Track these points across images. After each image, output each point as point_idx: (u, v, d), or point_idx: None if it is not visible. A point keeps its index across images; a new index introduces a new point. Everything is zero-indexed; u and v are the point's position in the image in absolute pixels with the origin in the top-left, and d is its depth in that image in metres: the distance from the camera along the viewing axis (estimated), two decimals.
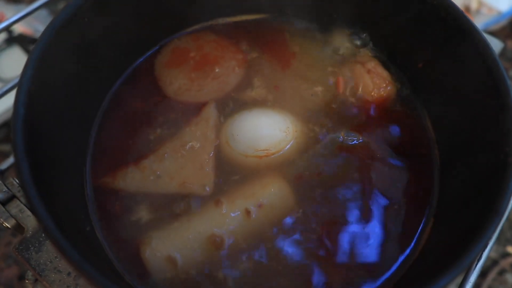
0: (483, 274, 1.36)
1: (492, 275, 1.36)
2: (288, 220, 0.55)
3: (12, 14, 0.72)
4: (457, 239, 0.46)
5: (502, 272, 1.38)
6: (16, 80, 0.68)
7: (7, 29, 0.76)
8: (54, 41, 0.50)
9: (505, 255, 1.41)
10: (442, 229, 0.54)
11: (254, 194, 0.56)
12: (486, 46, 0.52)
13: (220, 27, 0.72)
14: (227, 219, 0.54)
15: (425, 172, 0.60)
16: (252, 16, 0.73)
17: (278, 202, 0.56)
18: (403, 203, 0.57)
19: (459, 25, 0.55)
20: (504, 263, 1.39)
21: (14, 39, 1.54)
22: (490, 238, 0.42)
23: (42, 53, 0.48)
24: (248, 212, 0.54)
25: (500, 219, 0.41)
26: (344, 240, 0.54)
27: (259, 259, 0.53)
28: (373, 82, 0.64)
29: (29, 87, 0.46)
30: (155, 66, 0.68)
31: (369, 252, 0.54)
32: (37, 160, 0.44)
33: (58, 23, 0.51)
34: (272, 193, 0.56)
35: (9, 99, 0.45)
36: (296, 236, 0.54)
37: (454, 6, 0.56)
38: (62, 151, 0.53)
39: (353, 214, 0.56)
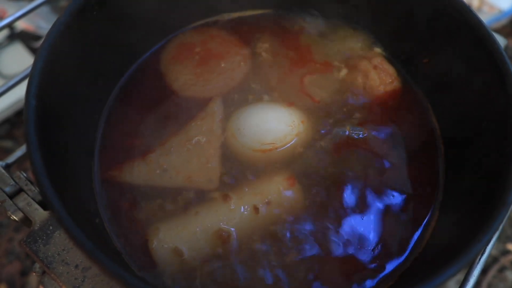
0: (483, 271, 1.37)
1: (492, 272, 1.37)
2: (296, 216, 0.55)
3: (13, 10, 0.72)
4: (463, 231, 0.47)
5: (502, 269, 1.38)
6: (17, 78, 0.68)
7: (10, 26, 0.76)
8: (63, 34, 0.50)
9: (505, 252, 1.41)
10: (448, 222, 0.54)
11: (262, 191, 0.56)
12: (492, 41, 0.52)
13: (225, 22, 0.72)
14: (235, 214, 0.54)
15: (431, 166, 0.60)
16: (257, 11, 0.73)
17: (285, 199, 0.56)
18: (409, 196, 0.58)
19: (466, 20, 0.55)
20: (504, 260, 1.39)
21: (16, 36, 1.54)
22: (497, 229, 0.42)
23: (52, 46, 0.49)
24: (256, 209, 0.54)
25: (507, 211, 0.42)
26: (352, 233, 0.54)
27: (265, 254, 0.53)
28: (380, 77, 0.65)
29: (40, 80, 0.46)
30: (161, 61, 0.68)
31: (376, 244, 0.54)
32: (48, 153, 0.44)
33: (67, 17, 0.51)
34: (280, 190, 0.56)
35: (10, 97, 0.45)
36: (304, 231, 0.54)
37: (460, 2, 0.56)
38: (71, 145, 0.54)
39: (359, 207, 0.56)
